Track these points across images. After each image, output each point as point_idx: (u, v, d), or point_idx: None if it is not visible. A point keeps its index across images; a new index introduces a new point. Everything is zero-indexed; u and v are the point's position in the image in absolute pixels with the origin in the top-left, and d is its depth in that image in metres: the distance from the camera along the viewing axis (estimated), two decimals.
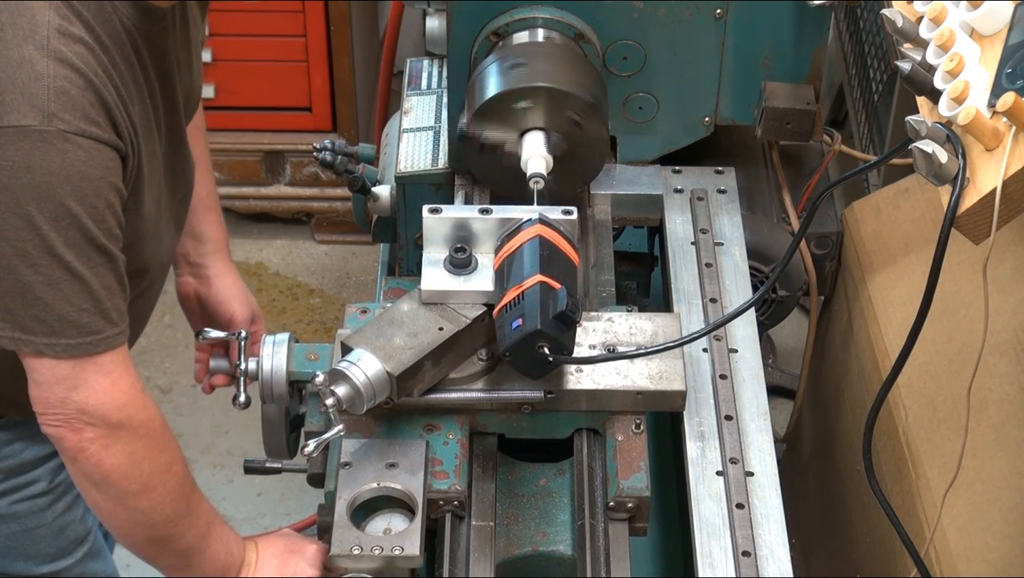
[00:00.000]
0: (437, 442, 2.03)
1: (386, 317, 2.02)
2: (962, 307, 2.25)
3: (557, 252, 2.02)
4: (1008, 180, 1.60)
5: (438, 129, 2.57)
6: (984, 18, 1.74)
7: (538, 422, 2.08)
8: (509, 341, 1.93)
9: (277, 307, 3.98)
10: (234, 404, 2.19)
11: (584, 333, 2.09)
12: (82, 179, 1.77)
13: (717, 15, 2.39)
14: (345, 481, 1.97)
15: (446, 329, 2.00)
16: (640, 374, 2.05)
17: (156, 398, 3.75)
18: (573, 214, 2.08)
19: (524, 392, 2.04)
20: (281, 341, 2.16)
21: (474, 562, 1.97)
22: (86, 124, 1.77)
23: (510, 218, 2.07)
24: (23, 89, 1.75)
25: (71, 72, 1.77)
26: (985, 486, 2.11)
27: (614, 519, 2.00)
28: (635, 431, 2.04)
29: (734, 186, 2.49)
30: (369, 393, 1.94)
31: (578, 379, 2.05)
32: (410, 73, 2.76)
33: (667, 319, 2.14)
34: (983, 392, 2.14)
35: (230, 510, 3.50)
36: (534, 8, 2.36)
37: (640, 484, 1.99)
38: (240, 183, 4.01)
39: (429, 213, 2.08)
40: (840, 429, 2.60)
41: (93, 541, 2.37)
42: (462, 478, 2.00)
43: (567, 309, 1.92)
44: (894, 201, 2.58)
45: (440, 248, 2.08)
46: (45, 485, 2.23)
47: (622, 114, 2.47)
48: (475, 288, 2.05)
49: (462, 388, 2.04)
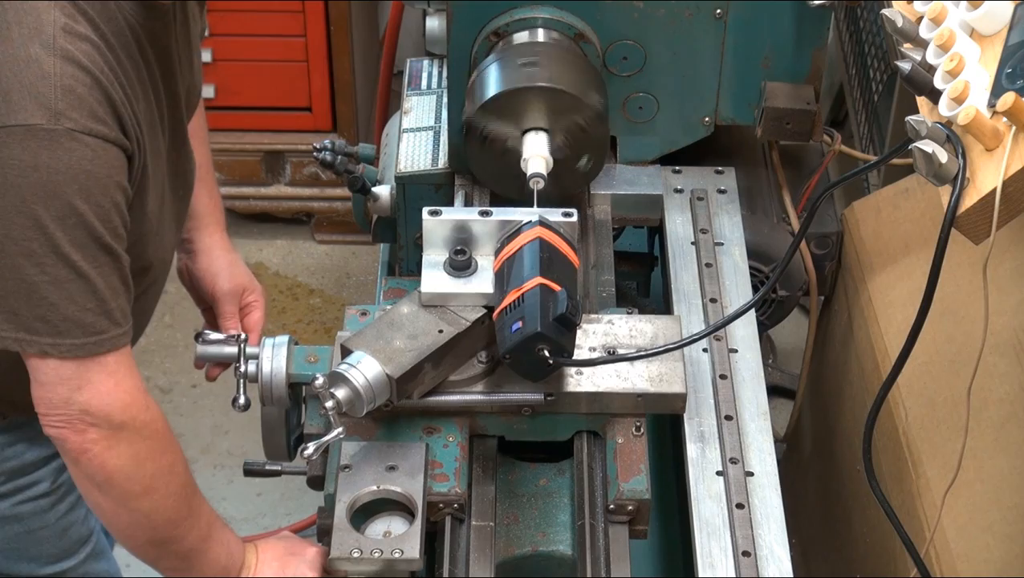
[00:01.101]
0: (437, 444, 2.02)
1: (386, 319, 2.02)
2: (962, 307, 2.24)
3: (557, 254, 2.01)
4: (1008, 180, 1.60)
5: (438, 129, 2.57)
6: (984, 18, 1.74)
7: (538, 424, 2.07)
8: (509, 344, 1.93)
9: (277, 307, 3.98)
10: (234, 406, 2.19)
11: (584, 335, 2.08)
12: (88, 178, 1.77)
13: (717, 15, 2.39)
14: (345, 484, 1.97)
15: (446, 331, 2.00)
16: (640, 376, 2.05)
17: (156, 398, 3.74)
18: (573, 216, 2.08)
19: (524, 394, 2.03)
20: (281, 343, 2.15)
21: (474, 562, 1.97)
22: (93, 123, 1.77)
23: (510, 220, 2.07)
24: (30, 88, 1.75)
25: (78, 70, 1.77)
26: (985, 486, 2.10)
27: (614, 522, 1.99)
28: (635, 433, 2.04)
29: (734, 186, 2.49)
30: (369, 396, 1.93)
31: (578, 381, 2.04)
32: (410, 73, 2.76)
33: (667, 321, 2.14)
34: (983, 392, 2.14)
35: (230, 510, 3.50)
36: (534, 8, 2.36)
37: (640, 486, 1.99)
38: (240, 183, 4.01)
39: (429, 215, 2.08)
40: (840, 429, 2.60)
41: (96, 542, 2.37)
42: (462, 481, 1.99)
43: (567, 312, 1.91)
44: (894, 201, 2.58)
45: (440, 250, 2.08)
46: (48, 486, 2.22)
47: (622, 114, 2.47)
48: (475, 290, 2.04)
49: (462, 390, 2.04)
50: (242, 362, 2.16)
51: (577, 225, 2.08)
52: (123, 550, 3.43)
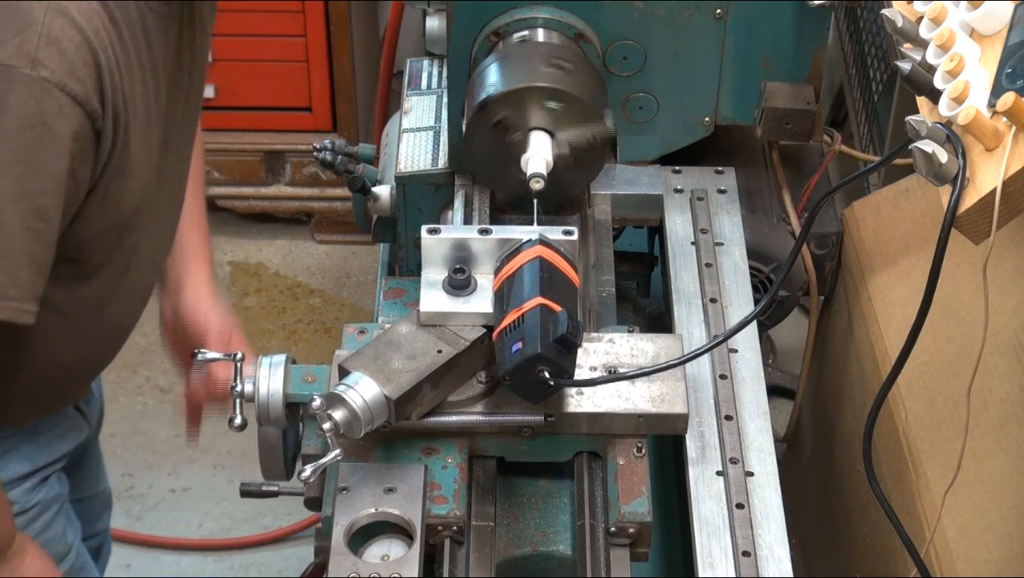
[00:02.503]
0: (436, 466, 1.99)
1: (384, 339, 1.98)
2: (962, 307, 2.24)
3: (558, 273, 1.98)
4: (1008, 180, 1.60)
5: (438, 129, 2.57)
6: (984, 18, 1.74)
7: (538, 445, 2.04)
8: (509, 365, 1.90)
9: (277, 307, 3.98)
10: (230, 426, 2.12)
11: (585, 354, 2.05)
12: (45, 131, 1.75)
13: (717, 15, 2.39)
14: (342, 506, 1.92)
15: (445, 352, 1.96)
16: (642, 397, 2.02)
17: (156, 398, 3.77)
18: (574, 234, 2.04)
19: (524, 415, 1.99)
20: (278, 363, 2.08)
21: (474, 562, 1.96)
22: (70, 80, 1.75)
23: (510, 238, 2.04)
24: (15, 30, 1.74)
25: (68, 25, 1.75)
26: (985, 486, 2.10)
27: (615, 545, 1.96)
28: (636, 455, 2.01)
29: (734, 186, 2.49)
30: (367, 417, 1.90)
31: (579, 402, 2.01)
32: (410, 73, 2.76)
33: (669, 340, 2.10)
34: (983, 392, 2.14)
35: (230, 510, 3.51)
36: (534, 8, 2.36)
37: (642, 509, 1.95)
38: (240, 183, 4.01)
39: (427, 233, 2.04)
40: (840, 429, 2.60)
41: (76, 558, 2.32)
42: (461, 503, 1.96)
43: (568, 333, 1.88)
44: (894, 201, 2.58)
45: (439, 268, 2.04)
46: (21, 506, 2.18)
47: (622, 114, 2.47)
48: (474, 310, 2.00)
49: (461, 411, 2.00)
50: (238, 382, 2.09)
51: (578, 244, 2.06)
52: (123, 549, 3.43)
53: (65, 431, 2.25)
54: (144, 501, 3.52)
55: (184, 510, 3.53)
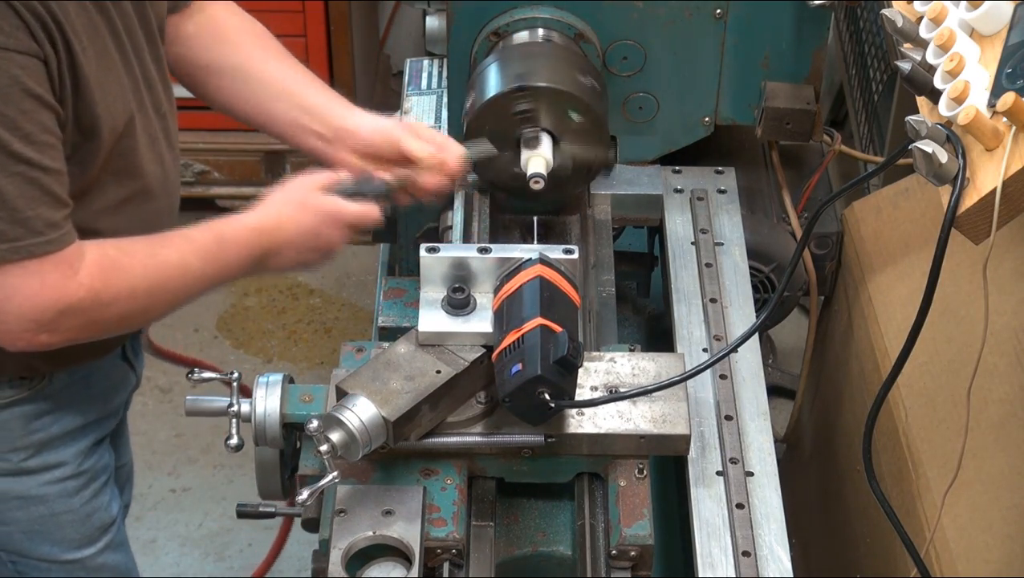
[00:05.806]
0: (435, 488, 1.96)
1: (382, 359, 1.96)
2: (962, 307, 2.24)
3: (558, 293, 1.95)
4: (1008, 180, 1.60)
5: (438, 129, 2.57)
6: (984, 18, 1.74)
7: (538, 466, 2.02)
8: (508, 387, 1.87)
9: (277, 307, 3.98)
10: (226, 446, 2.08)
11: (586, 374, 2.02)
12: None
13: (717, 15, 2.39)
14: (340, 529, 1.89)
15: (444, 372, 1.94)
16: (643, 417, 1.99)
17: (156, 398, 3.77)
18: (574, 253, 2.02)
19: (524, 436, 1.97)
20: (275, 382, 2.05)
21: (474, 562, 1.96)
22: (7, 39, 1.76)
23: (510, 257, 2.01)
24: None
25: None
26: (985, 486, 2.10)
27: (616, 568, 1.94)
28: (638, 476, 1.98)
29: (734, 186, 2.49)
30: (365, 439, 1.87)
31: (579, 422, 1.99)
32: (410, 73, 2.76)
33: (670, 359, 2.08)
34: (983, 392, 2.14)
35: (230, 510, 3.49)
36: (534, 8, 2.36)
37: (643, 532, 1.93)
38: (240, 183, 4.01)
39: (426, 252, 2.01)
40: (840, 429, 2.60)
41: (116, 531, 2.34)
42: (460, 525, 1.93)
43: (568, 354, 1.85)
44: (894, 201, 2.58)
45: (438, 288, 2.02)
46: (73, 469, 2.21)
47: (622, 114, 2.47)
48: (474, 329, 1.98)
49: (460, 432, 1.98)
50: (235, 402, 2.06)
51: (578, 262, 2.03)
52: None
53: (116, 382, 2.27)
54: (144, 501, 3.52)
55: (184, 510, 3.53)
